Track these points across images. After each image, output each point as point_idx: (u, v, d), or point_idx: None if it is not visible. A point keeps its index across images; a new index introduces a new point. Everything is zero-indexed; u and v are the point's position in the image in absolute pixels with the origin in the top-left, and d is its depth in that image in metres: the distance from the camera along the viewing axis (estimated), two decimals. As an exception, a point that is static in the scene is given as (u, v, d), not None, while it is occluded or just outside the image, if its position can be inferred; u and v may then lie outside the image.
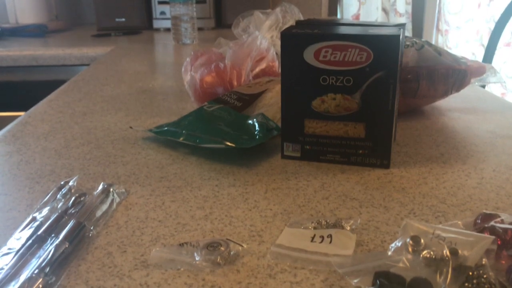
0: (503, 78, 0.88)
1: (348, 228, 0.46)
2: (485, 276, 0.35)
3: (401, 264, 0.38)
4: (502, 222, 0.44)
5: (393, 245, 0.41)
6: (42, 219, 0.48)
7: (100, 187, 0.55)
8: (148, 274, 0.40)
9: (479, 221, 0.45)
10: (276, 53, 0.91)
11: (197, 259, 0.42)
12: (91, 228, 0.47)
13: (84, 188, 0.57)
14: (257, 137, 0.65)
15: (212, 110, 0.72)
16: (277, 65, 0.90)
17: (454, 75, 0.81)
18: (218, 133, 0.66)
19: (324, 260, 0.41)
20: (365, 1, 2.63)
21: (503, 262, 0.39)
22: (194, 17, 1.79)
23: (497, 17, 1.81)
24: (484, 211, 0.48)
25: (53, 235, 0.45)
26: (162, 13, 2.13)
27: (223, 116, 0.70)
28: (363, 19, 2.64)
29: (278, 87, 0.76)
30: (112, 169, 0.63)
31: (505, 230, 0.42)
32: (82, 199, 0.52)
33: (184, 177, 0.60)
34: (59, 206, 0.51)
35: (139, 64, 1.40)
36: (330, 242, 0.44)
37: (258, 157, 0.65)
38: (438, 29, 2.68)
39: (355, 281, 0.38)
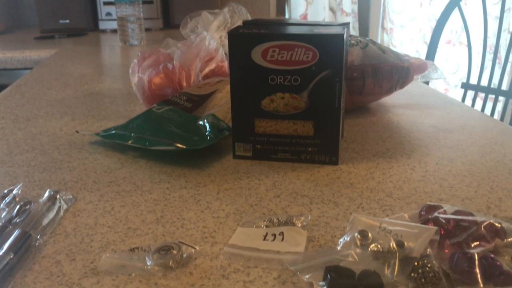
0: (444, 74, 0.92)
1: (299, 225, 0.47)
2: (429, 265, 0.37)
3: (350, 258, 0.39)
4: (445, 212, 0.46)
5: (342, 240, 0.42)
6: (-16, 230, 0.46)
7: (46, 194, 0.54)
8: (99, 282, 0.40)
9: (424, 213, 0.46)
10: (225, 53, 0.91)
11: (148, 263, 0.41)
12: (38, 237, 0.46)
13: (29, 196, 0.55)
14: (208, 137, 0.64)
15: (161, 112, 0.71)
16: (226, 65, 0.90)
17: (397, 72, 0.84)
18: (168, 135, 0.66)
19: (276, 258, 0.42)
20: (312, 1, 2.67)
21: (446, 251, 0.40)
22: (141, 17, 1.76)
23: (438, 15, 1.88)
24: (428, 203, 0.50)
25: (-4, 246, 0.43)
26: (108, 14, 2.08)
27: (173, 118, 0.69)
28: (310, 18, 2.68)
29: (228, 87, 0.76)
30: (58, 175, 0.61)
31: (448, 220, 0.44)
32: (27, 207, 0.51)
33: (134, 181, 0.59)
34: (2, 216, 0.49)
35: (85, 66, 1.36)
36: (282, 239, 0.44)
37: (210, 158, 0.65)
38: (383, 28, 2.76)
39: (307, 277, 0.38)
